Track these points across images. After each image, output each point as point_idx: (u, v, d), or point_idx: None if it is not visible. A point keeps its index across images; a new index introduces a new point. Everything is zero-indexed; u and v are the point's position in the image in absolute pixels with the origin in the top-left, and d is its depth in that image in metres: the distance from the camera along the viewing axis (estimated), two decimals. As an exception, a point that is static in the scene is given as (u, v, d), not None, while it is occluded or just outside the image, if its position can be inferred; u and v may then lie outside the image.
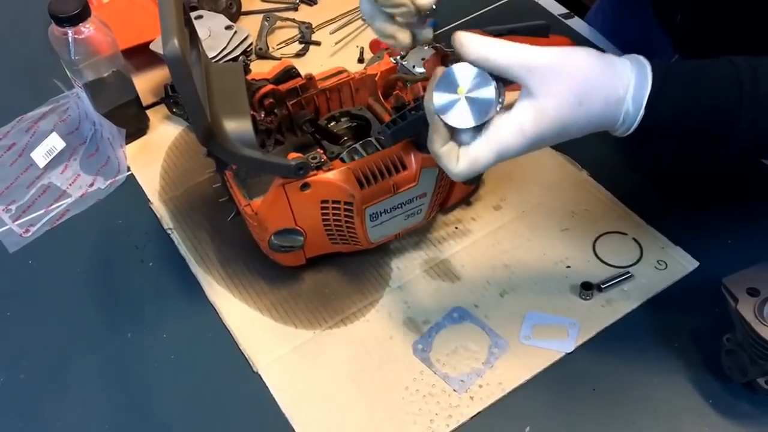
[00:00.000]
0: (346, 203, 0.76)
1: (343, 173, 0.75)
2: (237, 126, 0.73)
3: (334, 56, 1.11)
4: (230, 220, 0.84)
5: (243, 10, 1.17)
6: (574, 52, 0.61)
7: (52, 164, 1.00)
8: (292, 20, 1.16)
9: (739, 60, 0.62)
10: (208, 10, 1.09)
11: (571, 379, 0.75)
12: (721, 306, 0.70)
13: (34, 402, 0.78)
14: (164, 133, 1.02)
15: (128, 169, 0.98)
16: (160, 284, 0.86)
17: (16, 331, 0.84)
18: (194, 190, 0.94)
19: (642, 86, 0.61)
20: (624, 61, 0.62)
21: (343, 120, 0.88)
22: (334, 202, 0.76)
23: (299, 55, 1.12)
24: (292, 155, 0.73)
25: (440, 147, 0.63)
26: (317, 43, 1.13)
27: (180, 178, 0.96)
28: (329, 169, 0.75)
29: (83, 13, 0.89)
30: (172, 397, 0.78)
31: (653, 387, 0.74)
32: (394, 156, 0.77)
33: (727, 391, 0.73)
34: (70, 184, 0.97)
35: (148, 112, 1.04)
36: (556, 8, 1.15)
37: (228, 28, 1.06)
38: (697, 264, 0.82)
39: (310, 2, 1.20)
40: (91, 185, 0.97)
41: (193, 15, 1.06)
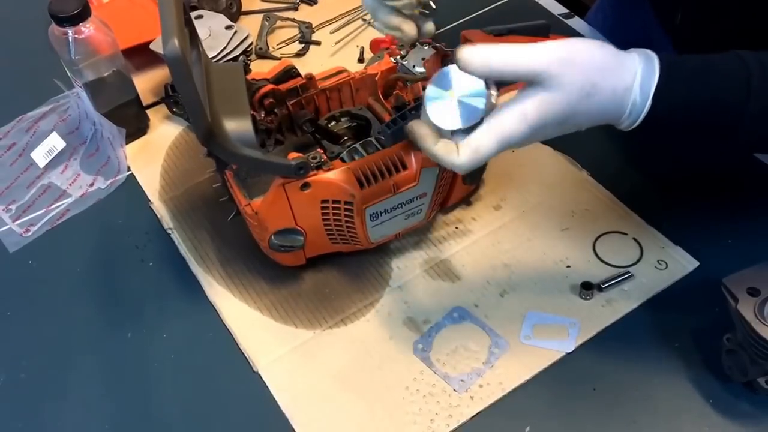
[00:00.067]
0: (347, 203, 0.76)
1: (343, 173, 0.75)
2: (237, 126, 0.73)
3: (335, 56, 1.11)
4: (230, 220, 0.84)
5: (243, 9, 1.17)
6: (582, 44, 0.60)
7: (53, 164, 1.00)
8: (293, 20, 1.16)
9: (746, 54, 0.62)
10: (209, 10, 1.09)
11: (572, 379, 0.75)
12: (722, 306, 0.70)
13: (34, 402, 0.78)
14: (164, 132, 1.02)
15: (128, 169, 0.98)
16: (160, 284, 0.86)
17: (16, 331, 0.84)
18: (194, 189, 0.94)
19: (650, 77, 0.61)
20: (631, 53, 0.62)
21: (343, 120, 0.88)
22: (334, 202, 0.76)
23: (299, 55, 1.11)
24: (292, 155, 0.73)
25: (433, 145, 0.63)
26: (317, 43, 1.13)
27: (180, 178, 0.96)
28: (329, 169, 0.75)
29: (83, 13, 0.89)
30: (172, 397, 0.78)
31: (653, 387, 0.74)
32: (395, 156, 0.77)
33: (727, 391, 0.73)
34: (71, 184, 0.97)
35: (148, 112, 1.04)
36: (556, 8, 1.15)
37: (228, 27, 1.06)
38: (697, 264, 0.82)
39: (310, 2, 1.20)
40: (92, 185, 0.97)
41: (193, 15, 1.05)
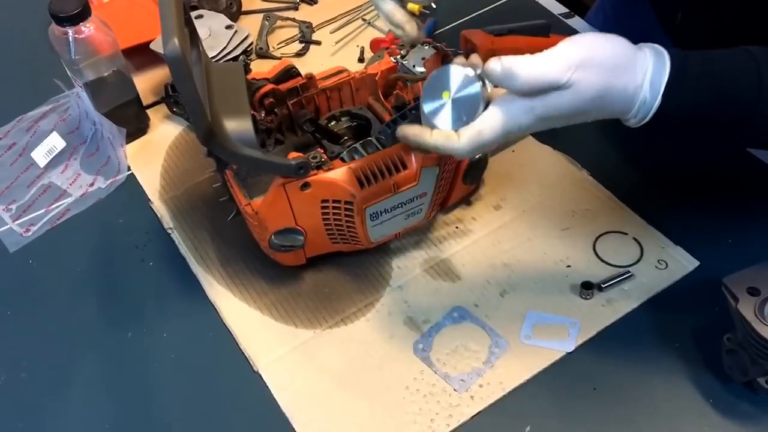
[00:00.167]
0: (347, 203, 0.76)
1: (343, 173, 0.75)
2: (237, 125, 0.73)
3: (335, 56, 1.11)
4: (230, 220, 0.84)
5: (243, 9, 1.17)
6: (596, 42, 0.60)
7: (53, 164, 1.00)
8: (293, 20, 1.16)
9: (756, 50, 0.62)
10: (209, 10, 1.09)
11: (572, 379, 0.75)
12: (722, 305, 0.70)
13: (34, 401, 0.78)
14: (164, 132, 1.02)
15: (128, 169, 0.98)
16: (160, 284, 0.86)
17: (17, 331, 0.84)
18: (194, 189, 0.94)
19: (660, 75, 0.60)
20: (643, 48, 0.61)
21: (343, 119, 0.88)
22: (334, 202, 0.76)
23: (299, 55, 1.11)
24: (293, 155, 0.73)
25: (430, 137, 0.63)
26: (317, 43, 1.13)
27: (180, 178, 0.96)
28: (329, 169, 0.75)
29: (83, 13, 0.89)
30: (172, 396, 0.78)
31: (653, 386, 0.74)
32: (395, 155, 0.77)
33: (727, 391, 0.73)
34: (71, 184, 0.97)
35: (148, 112, 1.04)
36: (556, 8, 1.15)
37: (228, 27, 1.06)
38: (698, 263, 0.82)
39: (311, 2, 1.20)
40: (92, 185, 0.97)
41: (194, 14, 1.06)
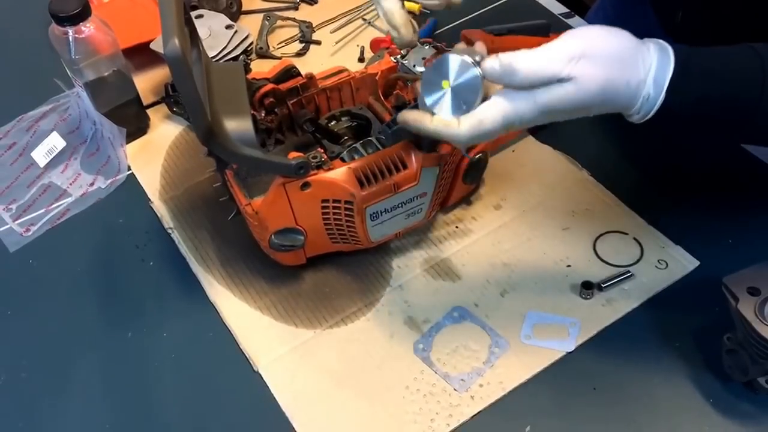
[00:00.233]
0: (347, 202, 0.76)
1: (343, 172, 0.75)
2: (237, 125, 0.73)
3: (335, 55, 1.11)
4: (231, 220, 0.84)
5: (243, 9, 1.17)
6: (598, 35, 0.59)
7: (53, 163, 1.00)
8: (293, 19, 1.16)
9: (760, 47, 0.61)
10: (209, 10, 1.09)
11: (572, 379, 0.75)
12: (722, 305, 0.70)
13: (34, 401, 0.78)
14: (164, 132, 1.02)
15: (129, 169, 0.98)
16: (160, 284, 0.86)
17: (17, 331, 0.84)
18: (194, 189, 0.94)
19: (664, 71, 0.60)
20: (647, 43, 0.61)
21: (343, 119, 0.88)
22: (334, 202, 0.76)
23: (300, 55, 1.11)
24: (293, 154, 0.73)
25: (430, 123, 0.63)
26: (318, 43, 1.13)
27: (180, 178, 0.96)
28: (330, 169, 0.75)
29: (84, 13, 0.89)
30: (172, 396, 0.78)
31: (653, 386, 0.74)
32: (395, 155, 0.77)
33: (727, 391, 0.73)
34: (71, 184, 0.97)
35: (148, 112, 1.04)
36: (556, 7, 1.15)
37: (228, 27, 1.06)
38: (698, 263, 0.82)
39: (311, 1, 1.20)
40: (92, 184, 0.97)
41: (194, 14, 1.05)
